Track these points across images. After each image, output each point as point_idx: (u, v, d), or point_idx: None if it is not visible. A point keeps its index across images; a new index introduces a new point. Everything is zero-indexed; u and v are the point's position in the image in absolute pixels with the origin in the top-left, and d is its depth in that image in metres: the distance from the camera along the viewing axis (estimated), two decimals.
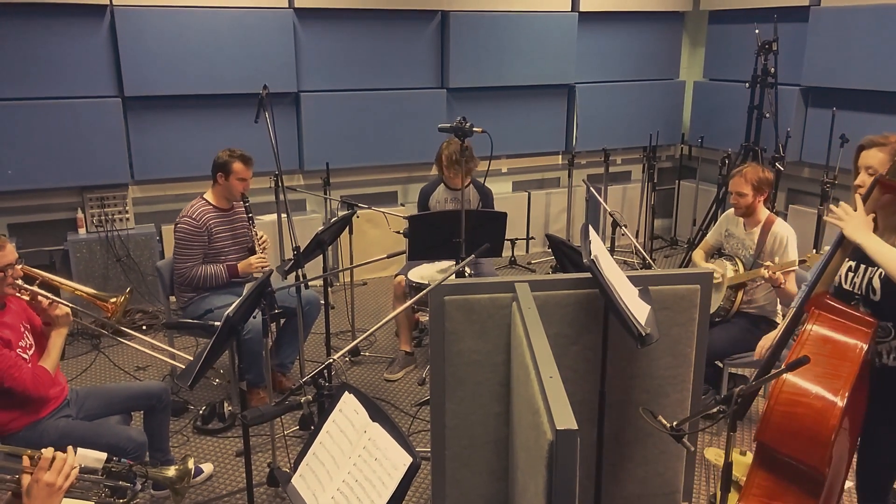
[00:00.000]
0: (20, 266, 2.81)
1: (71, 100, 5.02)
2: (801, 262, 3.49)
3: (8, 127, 4.87)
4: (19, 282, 2.79)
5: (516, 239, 6.48)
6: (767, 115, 5.46)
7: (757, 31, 5.40)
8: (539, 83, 6.47)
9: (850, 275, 2.35)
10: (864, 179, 2.38)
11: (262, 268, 4.00)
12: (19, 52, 4.84)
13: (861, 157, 2.43)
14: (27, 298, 2.89)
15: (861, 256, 2.29)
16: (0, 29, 4.76)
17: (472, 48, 6.11)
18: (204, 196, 4.06)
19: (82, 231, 5.24)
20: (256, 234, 4.10)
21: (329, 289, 4.11)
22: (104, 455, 1.99)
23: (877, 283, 2.28)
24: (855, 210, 2.21)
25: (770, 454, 1.97)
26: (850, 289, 2.36)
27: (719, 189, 5.77)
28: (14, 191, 5.05)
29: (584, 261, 2.22)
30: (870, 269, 2.31)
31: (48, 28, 4.88)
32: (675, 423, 2.04)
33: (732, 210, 3.81)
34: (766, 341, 3.23)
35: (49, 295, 2.93)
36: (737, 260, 3.75)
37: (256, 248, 4.06)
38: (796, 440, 1.91)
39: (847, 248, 2.23)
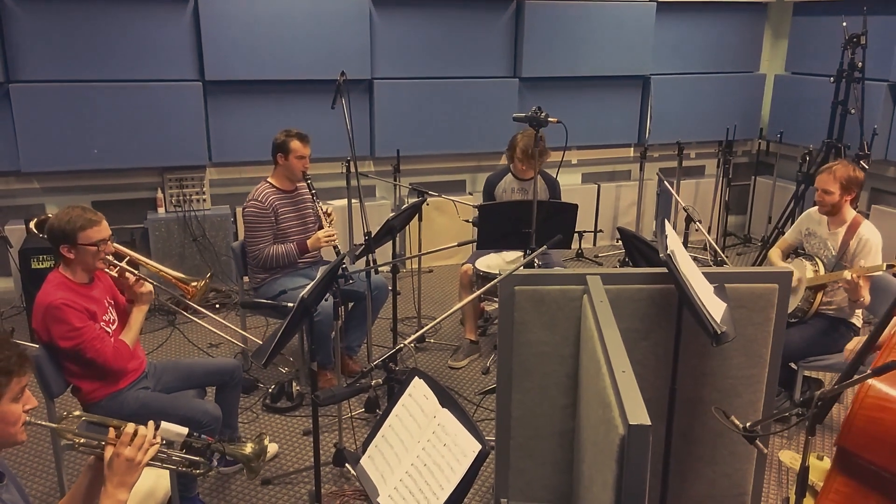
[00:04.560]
0: (111, 242, 2.93)
1: (154, 83, 5.20)
2: (890, 266, 3.32)
3: (94, 108, 5.08)
4: (109, 257, 2.91)
5: (584, 231, 6.41)
6: (853, 112, 5.24)
7: (844, 23, 5.18)
8: (614, 74, 6.37)
9: None
10: None
11: (331, 241, 4.06)
12: (106, 36, 5.03)
13: None
14: (115, 274, 3.01)
15: None
16: (88, 13, 4.96)
17: (547, 37, 6.05)
18: (267, 179, 4.14)
19: (161, 211, 5.43)
20: (322, 209, 4.17)
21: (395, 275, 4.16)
22: (185, 430, 2.06)
23: None
24: None
25: (851, 459, 1.91)
26: None
27: (798, 186, 5.57)
28: (99, 169, 5.28)
29: (661, 255, 2.19)
30: None
31: (135, 12, 5.06)
32: (748, 424, 1.99)
33: (815, 209, 3.68)
34: (853, 344, 3.12)
35: (135, 272, 3.05)
36: (817, 260, 3.62)
37: (324, 223, 4.12)
38: (882, 446, 1.85)
39: None
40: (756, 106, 6.93)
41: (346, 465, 3.32)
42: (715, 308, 2.18)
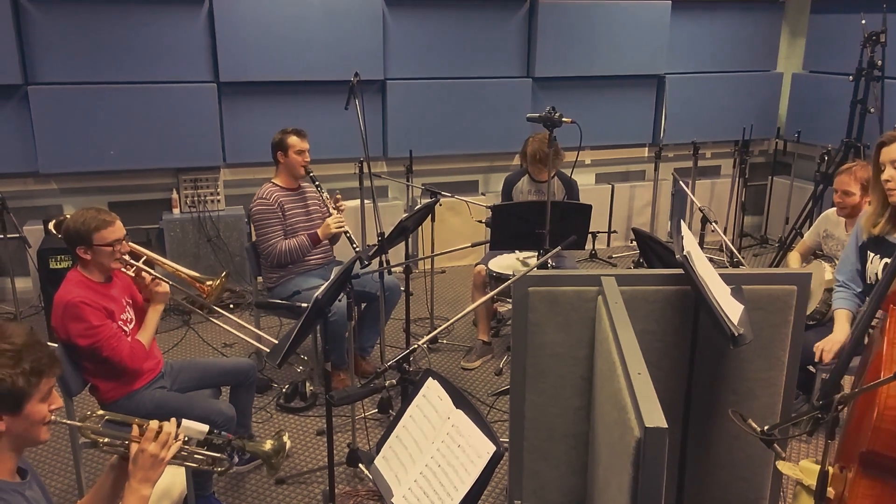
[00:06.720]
0: (127, 242, 2.94)
1: (169, 84, 5.22)
2: None
3: (110, 109, 5.11)
4: (126, 257, 2.93)
5: (598, 232, 6.38)
6: (872, 111, 5.19)
7: (863, 21, 5.13)
8: (628, 73, 6.33)
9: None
10: (891, 174, 2.53)
11: (341, 228, 4.06)
12: (122, 37, 5.07)
13: (883, 154, 2.56)
14: (132, 274, 3.03)
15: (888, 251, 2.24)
16: (105, 15, 5.00)
17: (561, 37, 6.03)
18: (271, 180, 4.17)
19: (176, 211, 5.46)
20: (329, 197, 4.15)
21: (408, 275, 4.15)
22: (206, 427, 2.07)
23: None
24: None
25: (879, 461, 1.89)
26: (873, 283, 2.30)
27: (816, 186, 5.52)
28: (115, 170, 5.32)
29: (677, 256, 2.17)
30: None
31: (150, 14, 5.09)
32: (765, 428, 1.97)
33: (832, 210, 3.64)
34: (833, 344, 3.06)
35: (152, 271, 3.07)
36: (836, 262, 3.58)
37: (331, 210, 4.12)
38: None
39: None
40: (773, 105, 6.87)
41: (360, 465, 3.32)
42: (732, 310, 2.16)
